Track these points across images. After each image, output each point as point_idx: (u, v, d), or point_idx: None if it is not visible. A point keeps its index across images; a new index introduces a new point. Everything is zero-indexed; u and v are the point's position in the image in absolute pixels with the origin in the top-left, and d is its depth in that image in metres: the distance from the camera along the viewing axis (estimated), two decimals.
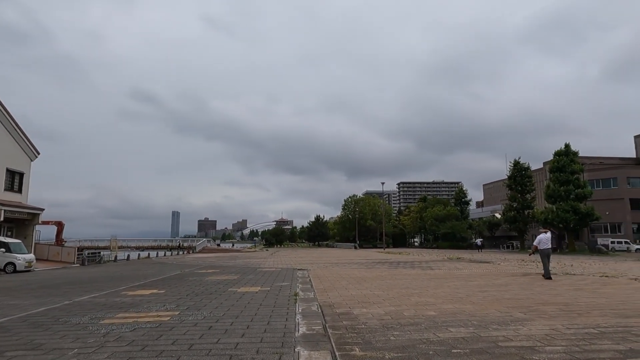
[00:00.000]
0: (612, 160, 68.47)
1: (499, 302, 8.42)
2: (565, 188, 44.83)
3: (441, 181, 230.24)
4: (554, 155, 47.48)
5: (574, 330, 5.73)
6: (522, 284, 11.99)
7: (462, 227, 70.14)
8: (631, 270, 17.63)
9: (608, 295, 9.29)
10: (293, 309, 7.78)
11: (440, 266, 20.88)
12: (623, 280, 12.68)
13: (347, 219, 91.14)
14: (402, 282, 12.74)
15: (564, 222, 44.11)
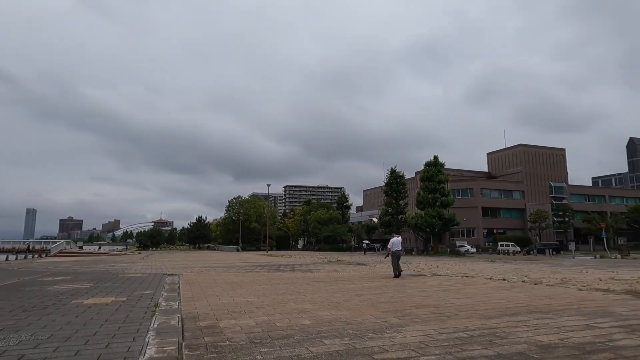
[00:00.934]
0: (470, 173, 78.02)
1: (374, 307, 8.24)
2: (433, 196, 49.40)
3: (325, 186, 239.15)
4: (425, 165, 52.10)
5: (445, 335, 5.61)
6: (396, 286, 12.26)
7: (343, 231, 73.07)
8: (485, 270, 19.62)
9: (471, 296, 9.82)
10: (147, 324, 6.52)
11: (320, 269, 20.87)
12: (481, 280, 13.83)
13: (230, 220, 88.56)
14: (280, 287, 12.11)
15: (431, 226, 48.48)
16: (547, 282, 12.83)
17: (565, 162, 75.82)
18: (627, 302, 8.60)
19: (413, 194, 62.18)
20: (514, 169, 72.97)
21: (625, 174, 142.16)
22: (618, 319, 6.65)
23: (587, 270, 19.10)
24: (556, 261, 31.84)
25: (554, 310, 7.53)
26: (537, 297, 9.38)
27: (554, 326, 6.10)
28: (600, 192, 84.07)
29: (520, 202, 70.01)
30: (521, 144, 74.34)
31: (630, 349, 4.78)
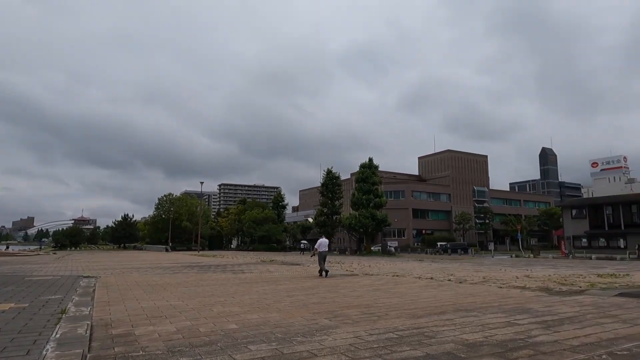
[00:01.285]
0: (402, 175, 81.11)
1: (305, 308, 8.02)
2: (367, 197, 50.54)
3: (262, 185, 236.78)
4: (360, 167, 53.19)
5: (375, 336, 5.51)
6: (329, 286, 12.17)
7: (278, 230, 72.53)
8: (414, 269, 20.28)
9: (401, 295, 9.96)
10: (49, 333, 5.74)
11: (253, 269, 20.35)
12: (410, 280, 14.19)
13: (160, 219, 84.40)
14: (209, 289, 11.51)
15: (364, 227, 49.55)
16: (471, 281, 13.44)
17: (487, 168, 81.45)
18: (541, 298, 9.17)
19: (348, 194, 63.30)
20: (442, 173, 77.01)
21: (537, 181, 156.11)
22: (535, 315, 7.00)
23: (505, 269, 20.43)
24: (478, 260, 33.91)
25: (478, 308, 7.79)
26: (462, 295, 9.72)
27: (479, 324, 6.25)
28: (517, 196, 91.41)
29: (447, 204, 74.03)
30: (449, 150, 78.69)
31: (547, 344, 4.97)
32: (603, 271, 18.76)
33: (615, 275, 15.96)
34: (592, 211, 45.00)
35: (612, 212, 43.36)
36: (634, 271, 19.00)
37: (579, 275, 16.08)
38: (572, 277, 15.08)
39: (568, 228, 46.69)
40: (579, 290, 10.45)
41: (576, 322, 6.37)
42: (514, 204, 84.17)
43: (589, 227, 44.49)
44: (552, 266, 23.84)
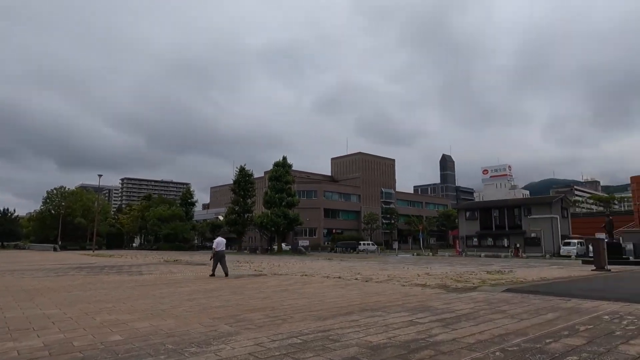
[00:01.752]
0: (315, 175, 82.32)
1: (205, 313, 7.41)
2: (280, 195, 50.30)
3: (170, 181, 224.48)
4: (274, 165, 52.78)
5: (278, 342, 5.16)
6: (234, 287, 11.59)
7: (185, 229, 69.14)
8: (323, 269, 20.40)
9: (308, 295, 9.76)
10: None
11: (153, 270, 18.88)
12: (318, 279, 14.13)
13: (48, 214, 75.57)
14: (96, 294, 10.25)
15: (276, 225, 49.22)
16: (376, 279, 13.77)
17: (395, 171, 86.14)
18: (440, 296, 9.59)
19: (261, 193, 62.53)
20: (353, 174, 79.69)
21: (438, 185, 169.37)
22: (435, 313, 7.20)
23: (408, 267, 21.47)
24: (383, 258, 35.47)
25: (383, 307, 7.84)
26: (368, 295, 9.81)
27: (383, 324, 6.22)
28: (420, 199, 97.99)
29: (357, 204, 76.76)
30: (360, 152, 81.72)
31: (447, 343, 5.03)
32: (491, 268, 20.60)
33: (502, 272, 17.55)
34: (482, 213, 49.69)
35: (499, 214, 48.32)
36: (516, 268, 21.15)
37: (471, 272, 17.39)
38: (466, 274, 16.24)
39: (462, 228, 51.02)
40: (472, 287, 11.17)
41: (471, 319, 6.65)
42: (417, 206, 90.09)
43: (479, 227, 49.05)
44: (448, 264, 25.68)
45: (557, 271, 18.49)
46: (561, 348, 4.78)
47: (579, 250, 39.16)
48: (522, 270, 19.41)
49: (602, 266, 19.03)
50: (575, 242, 40.62)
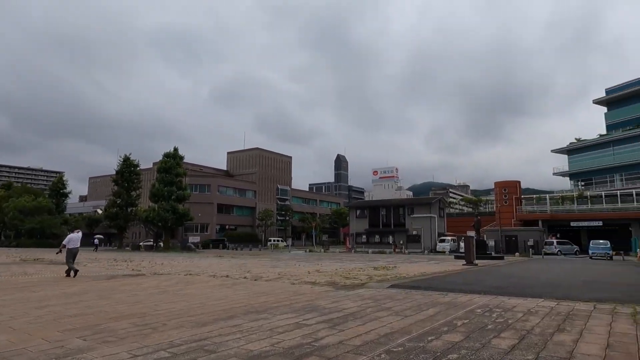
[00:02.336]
0: (209, 169, 79.09)
1: (56, 323, 6.17)
2: (169, 189, 47.10)
3: (39, 168, 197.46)
4: (163, 156, 49.24)
5: (141, 358, 4.36)
6: (102, 290, 10.14)
7: (55, 223, 61.05)
8: (211, 267, 19.31)
9: (189, 297, 8.88)
10: None
11: (3, 272, 15.95)
12: (204, 278, 13.17)
13: None
14: None
15: (164, 220, 45.99)
16: (266, 277, 13.29)
17: (291, 168, 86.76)
18: (329, 293, 9.46)
19: (148, 185, 58.02)
20: (250, 170, 78.30)
21: (332, 183, 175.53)
22: (322, 313, 6.95)
23: (299, 264, 21.42)
24: (276, 255, 35.22)
25: (269, 309, 7.37)
26: (255, 295, 9.27)
27: (268, 328, 5.75)
28: (314, 196, 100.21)
29: (252, 201, 75.58)
30: (258, 148, 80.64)
31: (333, 347, 4.74)
32: (378, 264, 21.54)
33: (387, 267, 18.39)
34: (371, 212, 52.44)
35: (386, 213, 51.44)
36: (400, 263, 22.45)
37: (359, 268, 17.90)
38: (355, 270, 16.64)
39: (353, 226, 53.25)
40: (360, 284, 11.31)
41: (358, 317, 6.52)
42: (311, 204, 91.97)
43: (368, 225, 51.67)
44: (338, 260, 26.34)
45: (435, 266, 20.00)
46: (442, 346, 4.79)
47: (452, 246, 43.46)
48: (405, 265, 20.63)
49: (471, 261, 21.09)
50: (449, 239, 44.98)
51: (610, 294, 9.25)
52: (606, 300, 8.26)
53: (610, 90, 74.22)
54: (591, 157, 69.97)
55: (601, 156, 68.36)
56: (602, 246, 32.76)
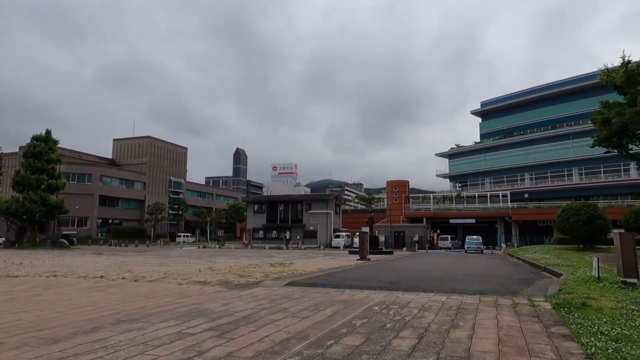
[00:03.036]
0: (91, 157, 71.10)
1: None
2: (38, 177, 41.09)
3: None
4: (32, 139, 42.77)
5: None
6: None
7: None
8: (85, 266, 16.96)
9: (46, 305, 7.34)
10: None
11: None
12: (72, 280, 11.30)
13: None
14: None
15: (29, 213, 39.98)
16: (149, 278, 11.88)
17: (186, 160, 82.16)
18: (220, 294, 8.63)
19: (12, 172, 49.97)
20: (139, 159, 72.24)
21: (230, 178, 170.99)
22: (210, 318, 6.15)
23: (190, 261, 19.95)
24: (165, 252, 32.71)
25: (147, 316, 6.33)
26: (133, 298, 8.05)
27: (141, 341, 4.80)
28: (211, 190, 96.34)
29: (141, 193, 69.85)
30: (149, 137, 74.73)
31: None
32: (274, 260, 21.04)
33: (284, 264, 17.96)
34: (269, 207, 51.89)
35: (284, 208, 51.32)
36: (296, 259, 22.23)
37: (255, 265, 17.19)
38: (250, 267, 15.89)
39: (250, 221, 52.14)
40: (255, 282, 10.64)
41: (252, 322, 5.87)
42: (207, 197, 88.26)
43: (266, 220, 51.03)
44: (234, 257, 25.26)
45: (331, 262, 20.15)
46: (342, 352, 4.38)
47: (346, 242, 44.95)
48: (302, 261, 20.45)
49: (364, 256, 21.71)
50: (343, 234, 46.46)
51: (490, 286, 9.92)
52: (488, 293, 8.78)
53: (484, 103, 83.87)
54: (467, 161, 78.37)
55: (475, 161, 76.95)
56: (475, 241, 36.59)
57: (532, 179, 68.92)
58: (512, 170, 70.81)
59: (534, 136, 70.04)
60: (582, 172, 63.85)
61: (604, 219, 25.14)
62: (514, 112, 76.99)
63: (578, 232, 25.30)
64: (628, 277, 9.13)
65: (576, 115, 67.70)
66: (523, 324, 5.76)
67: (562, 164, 65.48)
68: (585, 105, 66.68)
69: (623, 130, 21.32)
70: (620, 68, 20.93)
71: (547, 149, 67.59)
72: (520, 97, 76.97)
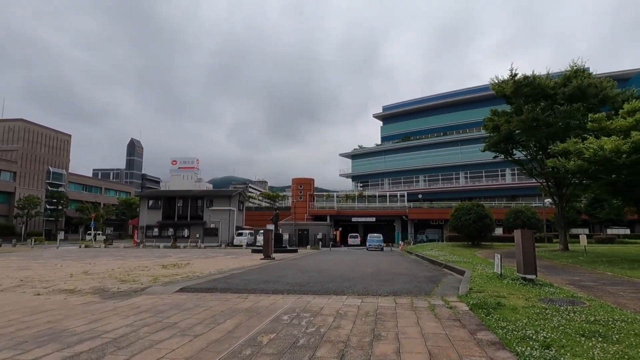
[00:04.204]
0: None
1: None
2: None
3: None
4: None
5: None
6: None
7: None
8: None
9: None
10: None
11: None
12: None
13: None
14: None
15: None
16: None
17: (69, 148, 73.02)
18: (89, 307, 6.90)
19: None
20: (9, 146, 62.24)
21: (123, 170, 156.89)
22: (66, 343, 4.58)
23: (63, 263, 16.99)
24: (37, 252, 28.07)
25: None
26: None
27: None
28: (99, 183, 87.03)
29: (10, 184, 60.23)
30: (23, 120, 64.82)
31: None
32: (168, 261, 18.94)
33: (179, 264, 16.11)
34: (166, 203, 48.03)
35: (183, 204, 47.92)
36: (194, 259, 20.34)
37: (144, 267, 15.12)
38: (137, 269, 13.85)
39: (143, 218, 47.74)
40: (140, 289, 8.95)
41: (124, 346, 4.46)
42: (95, 191, 79.53)
43: (161, 217, 47.13)
44: (121, 257, 22.39)
45: (233, 261, 18.72)
46: None
47: (249, 240, 43.38)
48: (200, 261, 18.69)
49: (269, 255, 20.65)
50: (246, 232, 44.78)
51: (401, 286, 9.54)
52: (401, 293, 8.32)
53: (386, 108, 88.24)
54: (369, 162, 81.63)
55: (376, 162, 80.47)
56: (376, 239, 37.65)
57: (426, 180, 74.10)
58: (408, 172, 75.37)
59: (428, 141, 75.37)
60: (468, 176, 70.33)
61: (489, 218, 27.35)
62: (412, 118, 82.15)
63: (468, 230, 27.17)
64: (527, 274, 9.39)
65: (464, 124, 74.55)
66: (448, 330, 5.21)
67: (451, 168, 71.39)
68: (470, 115, 73.82)
69: (510, 136, 23.34)
70: (509, 80, 22.81)
71: (439, 154, 73.20)
72: (417, 104, 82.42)
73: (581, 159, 15.00)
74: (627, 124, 14.84)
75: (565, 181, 22.43)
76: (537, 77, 21.78)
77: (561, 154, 16.61)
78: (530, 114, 20.75)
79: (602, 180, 14.90)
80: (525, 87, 21.80)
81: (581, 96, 20.30)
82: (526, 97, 22.21)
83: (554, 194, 23.54)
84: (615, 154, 13.63)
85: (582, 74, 21.45)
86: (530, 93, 21.88)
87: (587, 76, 21.40)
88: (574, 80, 20.74)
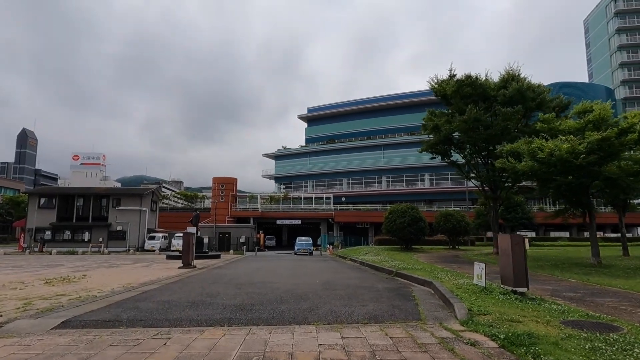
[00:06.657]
0: None
1: None
2: None
3: None
4: None
5: None
6: None
7: None
8: None
9: None
10: None
11: None
12: None
13: None
14: None
15: None
16: None
17: None
18: None
19: None
20: None
21: (11, 164, 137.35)
22: None
23: None
24: None
25: None
26: None
27: None
28: None
29: None
30: None
31: None
32: (58, 271, 15.05)
33: (71, 278, 12.53)
34: (62, 201, 41.52)
35: (83, 203, 41.79)
36: (93, 269, 16.56)
37: (19, 282, 11.39)
38: (6, 288, 10.21)
39: (32, 219, 40.75)
40: None
41: None
42: None
43: (56, 218, 40.61)
44: None
45: (144, 271, 15.39)
46: None
47: (162, 244, 38.95)
48: (101, 272, 15.07)
49: (189, 262, 17.59)
50: (160, 235, 40.21)
51: (373, 305, 7.49)
52: (382, 319, 6.26)
53: (311, 109, 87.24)
54: (293, 164, 79.81)
55: (300, 164, 78.90)
56: (305, 243, 35.62)
57: (350, 184, 74.10)
58: (332, 174, 74.83)
59: (351, 145, 75.57)
60: (390, 180, 71.58)
61: (423, 221, 26.74)
62: (336, 121, 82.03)
63: (403, 233, 26.29)
64: (519, 286, 7.90)
65: (386, 129, 76.07)
66: None
67: (373, 172, 72.14)
68: (392, 121, 75.61)
69: (449, 137, 22.84)
70: (450, 79, 22.26)
71: (362, 158, 73.65)
72: (342, 107, 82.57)
73: (533, 160, 14.37)
74: (576, 125, 14.51)
75: (500, 184, 22.36)
76: (478, 78, 21.44)
77: (511, 155, 16.01)
78: (472, 114, 20.24)
79: (555, 182, 14.46)
80: (466, 87, 21.33)
81: (520, 99, 20.26)
82: (466, 98, 21.78)
83: (490, 197, 23.49)
84: (571, 154, 13.08)
85: (519, 78, 21.53)
86: (471, 93, 21.47)
87: (522, 80, 21.53)
88: (513, 83, 20.68)
